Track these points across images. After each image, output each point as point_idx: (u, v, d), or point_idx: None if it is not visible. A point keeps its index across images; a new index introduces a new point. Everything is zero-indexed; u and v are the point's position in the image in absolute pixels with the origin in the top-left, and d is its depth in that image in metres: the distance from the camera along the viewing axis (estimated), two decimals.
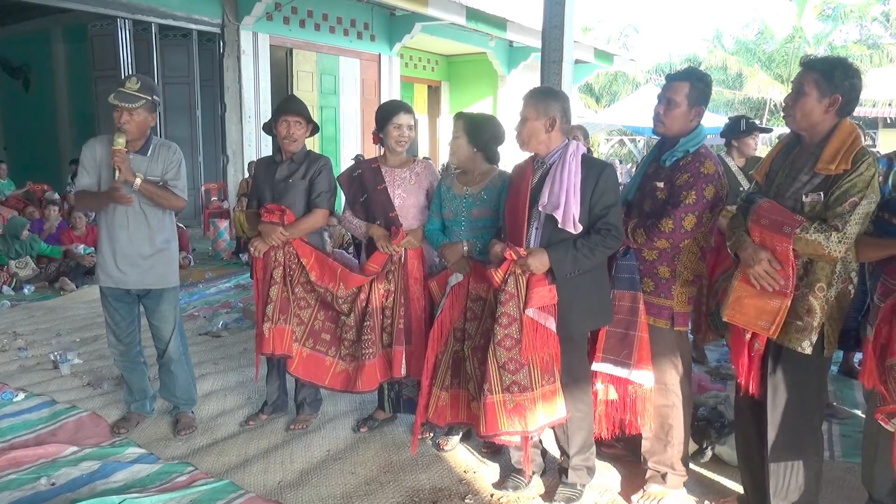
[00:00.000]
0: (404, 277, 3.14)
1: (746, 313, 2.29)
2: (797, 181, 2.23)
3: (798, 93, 2.21)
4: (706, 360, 4.48)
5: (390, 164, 3.23)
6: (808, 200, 2.18)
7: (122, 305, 3.33)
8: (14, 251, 7.06)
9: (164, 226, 3.28)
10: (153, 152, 3.20)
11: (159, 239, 3.25)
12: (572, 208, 2.50)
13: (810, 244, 2.11)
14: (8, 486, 2.77)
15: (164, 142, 3.30)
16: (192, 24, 9.72)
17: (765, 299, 2.24)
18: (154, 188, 3.13)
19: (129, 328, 3.38)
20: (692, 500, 2.77)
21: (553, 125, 2.59)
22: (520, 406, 2.57)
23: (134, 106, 3.04)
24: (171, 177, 3.20)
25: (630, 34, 29.97)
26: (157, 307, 3.33)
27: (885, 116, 18.45)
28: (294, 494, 2.80)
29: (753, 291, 2.26)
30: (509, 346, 2.56)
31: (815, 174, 2.18)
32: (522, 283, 2.54)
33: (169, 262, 3.31)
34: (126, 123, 3.06)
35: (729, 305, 2.34)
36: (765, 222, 2.22)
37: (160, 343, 3.40)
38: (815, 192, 2.17)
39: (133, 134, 3.11)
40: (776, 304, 2.21)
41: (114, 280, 3.26)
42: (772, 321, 2.21)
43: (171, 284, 3.33)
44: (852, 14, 25.31)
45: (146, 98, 3.08)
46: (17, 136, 12.96)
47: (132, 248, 3.20)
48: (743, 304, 2.30)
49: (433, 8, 11.12)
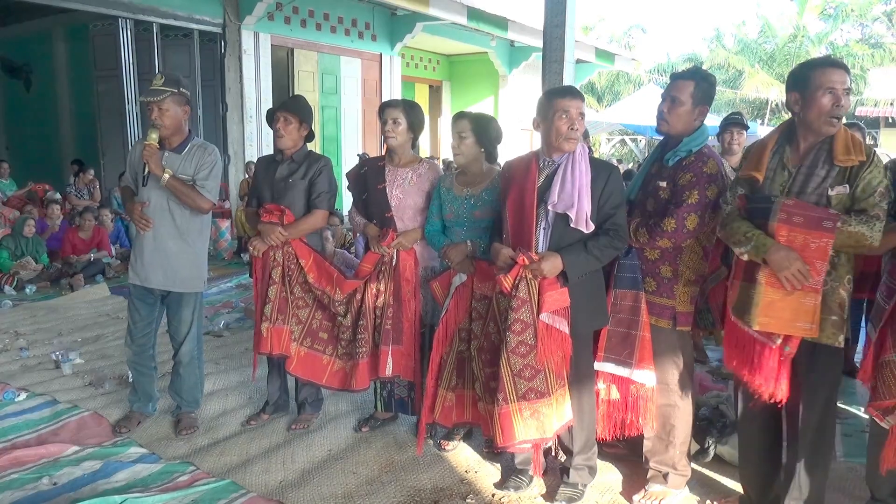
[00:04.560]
0: (395, 278, 3.13)
1: (782, 317, 2.19)
2: (814, 176, 2.22)
3: (847, 95, 2.21)
4: (707, 359, 4.47)
5: (394, 164, 3.22)
6: (835, 194, 2.18)
7: (143, 305, 3.34)
8: (20, 250, 7.10)
9: (193, 227, 3.28)
10: (189, 152, 3.24)
11: (187, 240, 3.25)
12: (585, 207, 2.50)
13: (853, 236, 2.10)
14: (10, 486, 2.77)
15: (203, 143, 3.31)
16: (194, 24, 9.72)
17: (798, 299, 2.17)
18: (179, 184, 3.14)
19: (144, 330, 3.38)
20: (694, 500, 2.76)
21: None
22: (537, 413, 2.55)
23: (159, 99, 3.09)
24: (202, 177, 3.21)
25: (636, 34, 29.88)
26: (177, 310, 3.34)
27: (886, 116, 18.42)
28: (295, 494, 2.80)
29: (783, 293, 2.18)
30: (524, 353, 2.53)
31: (833, 167, 2.19)
32: (534, 287, 2.52)
33: (194, 265, 3.30)
34: (158, 118, 3.11)
35: (760, 313, 2.21)
36: (798, 220, 2.16)
37: (175, 343, 3.42)
38: (839, 185, 2.18)
39: (168, 129, 3.16)
40: (811, 303, 2.16)
41: (139, 277, 3.28)
42: (811, 320, 2.16)
43: (194, 290, 3.34)
44: (853, 13, 25.28)
45: (171, 90, 3.11)
46: (18, 136, 12.95)
47: (156, 246, 3.22)
48: (776, 308, 2.19)
49: (434, 8, 11.11)
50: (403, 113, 3.15)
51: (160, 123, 3.13)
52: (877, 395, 2.26)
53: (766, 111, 21.59)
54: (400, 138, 3.16)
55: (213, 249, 8.88)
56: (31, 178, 9.73)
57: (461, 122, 2.99)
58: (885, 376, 2.23)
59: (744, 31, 28.19)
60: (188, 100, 3.24)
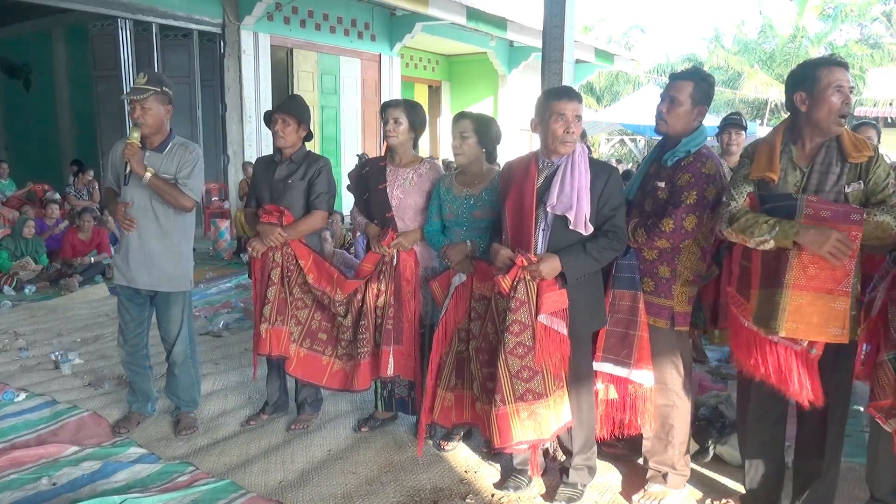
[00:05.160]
0: (396, 278, 3.13)
1: (811, 322, 2.14)
2: (830, 174, 2.23)
3: (852, 91, 2.25)
4: (706, 359, 4.47)
5: (395, 164, 3.22)
6: (851, 191, 2.21)
7: (132, 305, 3.34)
8: (20, 250, 7.10)
9: (177, 226, 3.27)
10: (170, 150, 3.22)
11: (171, 239, 3.24)
12: (584, 209, 2.50)
13: (879, 226, 2.12)
14: (9, 486, 2.77)
15: (185, 142, 3.30)
16: (193, 24, 9.72)
17: (827, 303, 2.13)
18: (162, 183, 3.13)
19: (136, 330, 3.38)
20: (693, 500, 2.76)
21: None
22: (535, 414, 2.55)
23: (142, 97, 3.08)
24: (184, 175, 3.20)
25: (636, 35, 29.85)
26: (166, 310, 3.33)
27: (885, 116, 18.43)
28: (295, 494, 2.80)
29: (812, 296, 2.14)
30: (522, 354, 2.53)
31: (846, 164, 2.22)
32: (533, 288, 2.52)
33: (180, 264, 3.29)
34: (140, 117, 3.11)
35: (788, 318, 2.15)
36: (826, 214, 2.15)
37: (166, 344, 3.40)
38: (854, 181, 2.22)
39: (149, 127, 3.15)
40: (842, 307, 2.13)
41: (125, 278, 3.27)
42: (842, 325, 2.14)
43: (181, 289, 3.32)
44: (853, 14, 25.30)
45: (154, 89, 3.10)
46: (17, 136, 12.97)
47: (141, 246, 3.21)
48: (804, 313, 2.14)
49: (434, 8, 11.12)
50: (405, 113, 3.14)
51: (142, 122, 3.11)
52: (874, 396, 2.29)
53: (766, 111, 21.59)
54: (401, 138, 3.16)
55: (213, 249, 8.88)
56: (30, 178, 9.74)
57: (463, 122, 2.99)
58: (879, 376, 2.25)
59: (743, 31, 28.22)
60: (171, 99, 3.22)
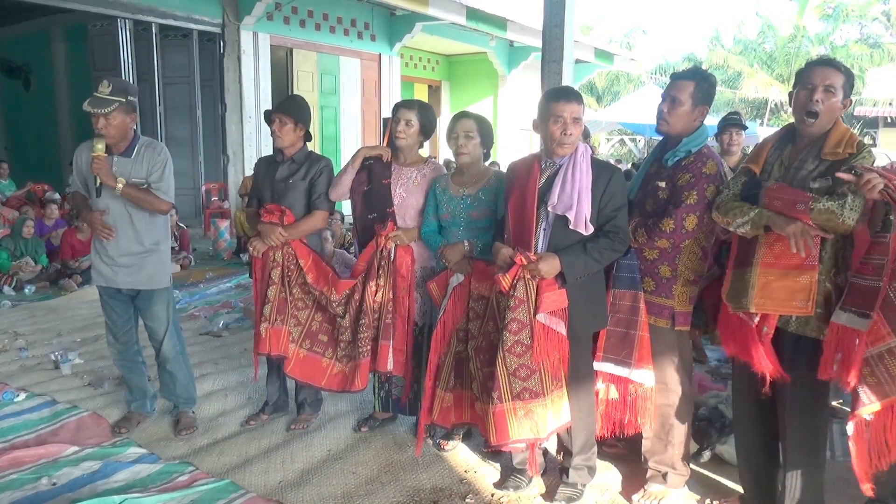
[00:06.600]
0: (392, 273, 3.13)
1: (778, 297, 2.25)
2: (803, 170, 2.27)
3: (827, 92, 2.25)
4: (707, 359, 4.47)
5: (400, 163, 3.22)
6: (817, 186, 2.21)
7: (117, 304, 3.33)
8: (19, 251, 7.10)
9: (153, 228, 3.25)
10: (138, 153, 3.16)
11: (148, 241, 3.22)
12: (584, 209, 2.50)
13: (824, 213, 2.12)
14: (9, 486, 2.77)
15: (151, 142, 3.24)
16: (193, 24, 9.72)
17: (793, 278, 2.22)
18: (136, 192, 3.09)
19: (125, 326, 3.38)
20: (693, 500, 2.77)
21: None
22: (531, 413, 2.55)
23: (107, 111, 2.99)
24: (155, 179, 3.15)
25: (637, 36, 29.81)
26: (150, 308, 3.32)
27: (885, 116, 18.43)
28: (295, 494, 2.80)
29: (778, 273, 2.24)
30: (520, 353, 2.53)
31: (822, 161, 2.23)
32: (532, 287, 2.52)
33: (159, 263, 3.27)
34: (104, 129, 3.02)
35: (756, 294, 2.28)
36: (777, 203, 2.23)
37: (155, 343, 3.40)
38: (822, 177, 2.22)
39: (114, 137, 3.08)
40: (806, 280, 2.20)
41: (105, 278, 3.25)
42: (807, 298, 2.20)
43: (161, 286, 3.31)
44: (853, 13, 25.30)
45: (119, 100, 3.01)
46: (17, 136, 12.96)
47: (118, 250, 3.18)
48: (771, 288, 2.25)
49: (433, 8, 11.11)
50: (418, 115, 3.13)
51: (106, 133, 3.03)
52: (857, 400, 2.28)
53: (766, 111, 21.60)
54: (410, 140, 3.15)
55: (213, 249, 8.88)
56: (30, 178, 9.73)
57: (467, 122, 2.98)
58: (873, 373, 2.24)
59: (743, 31, 28.25)
60: (135, 106, 3.14)
